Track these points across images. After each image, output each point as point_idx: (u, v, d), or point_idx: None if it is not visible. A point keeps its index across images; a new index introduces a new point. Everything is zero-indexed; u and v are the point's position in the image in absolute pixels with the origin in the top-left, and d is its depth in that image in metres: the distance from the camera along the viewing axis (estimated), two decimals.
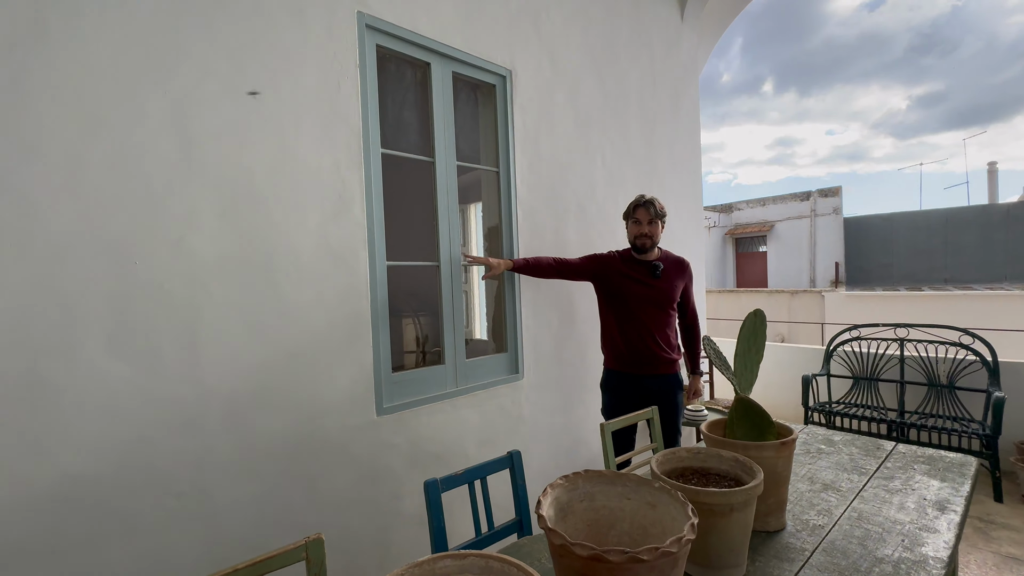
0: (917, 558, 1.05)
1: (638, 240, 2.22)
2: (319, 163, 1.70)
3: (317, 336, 1.69)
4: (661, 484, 0.89)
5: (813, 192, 12.10)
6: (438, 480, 1.28)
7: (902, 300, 8.23)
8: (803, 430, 1.93)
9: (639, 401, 2.19)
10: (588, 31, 2.86)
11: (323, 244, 1.72)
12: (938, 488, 1.38)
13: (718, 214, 13.98)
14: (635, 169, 3.21)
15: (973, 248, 10.86)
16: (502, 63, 2.35)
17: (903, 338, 3.55)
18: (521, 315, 2.44)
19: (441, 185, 2.10)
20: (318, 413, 1.69)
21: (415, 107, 2.17)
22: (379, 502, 1.85)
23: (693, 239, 3.85)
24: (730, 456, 1.12)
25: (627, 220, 2.28)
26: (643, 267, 2.23)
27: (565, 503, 0.91)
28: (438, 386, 2.09)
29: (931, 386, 3.40)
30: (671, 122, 3.59)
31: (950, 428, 2.98)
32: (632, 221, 2.25)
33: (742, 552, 1.01)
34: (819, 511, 1.28)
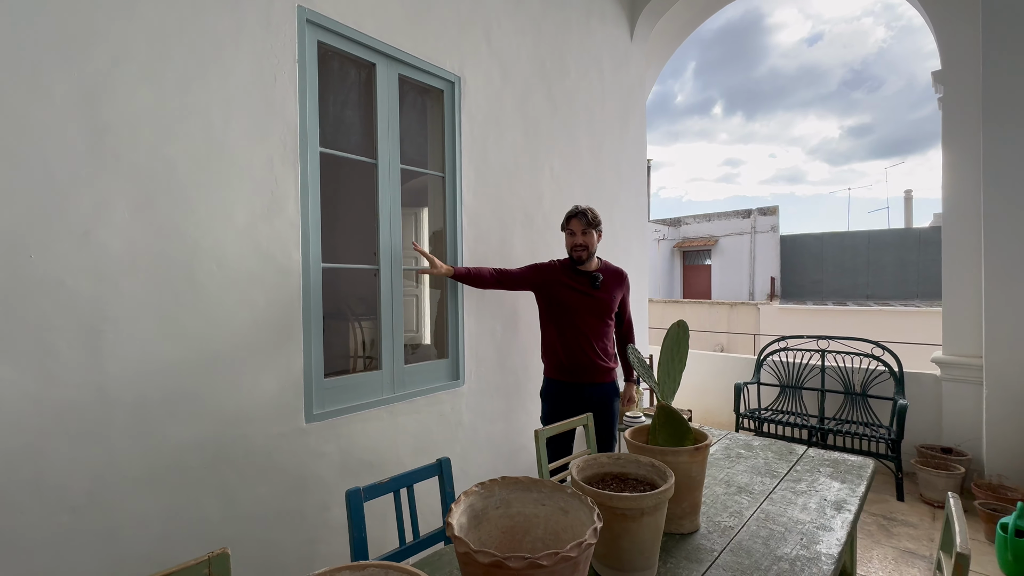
0: (812, 555, 1.13)
1: (574, 251, 2.25)
2: (250, 158, 1.64)
3: (241, 339, 1.62)
4: (573, 490, 0.91)
5: (754, 210, 12.86)
6: (361, 489, 1.24)
7: (829, 314, 8.87)
8: (727, 436, 2.03)
9: (578, 409, 2.22)
10: (539, 44, 2.91)
11: (252, 243, 1.65)
12: (838, 489, 1.49)
13: (667, 227, 14.56)
14: (583, 181, 3.29)
15: (891, 268, 11.89)
16: (451, 69, 2.35)
17: (824, 349, 3.82)
18: (463, 321, 2.43)
19: (384, 187, 2.07)
20: (239, 420, 1.61)
21: (358, 107, 2.13)
22: (305, 513, 1.78)
23: (638, 251, 3.98)
24: (647, 461, 1.16)
25: (563, 231, 2.29)
26: (584, 277, 2.27)
27: (480, 510, 0.92)
28: (374, 392, 2.04)
29: (847, 394, 3.67)
30: (619, 138, 3.71)
31: (863, 433, 3.23)
32: (567, 232, 2.27)
33: (653, 554, 1.05)
34: (731, 513, 1.35)
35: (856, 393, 3.63)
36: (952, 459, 3.02)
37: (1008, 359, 2.82)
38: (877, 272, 11.84)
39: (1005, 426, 2.84)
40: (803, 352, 3.93)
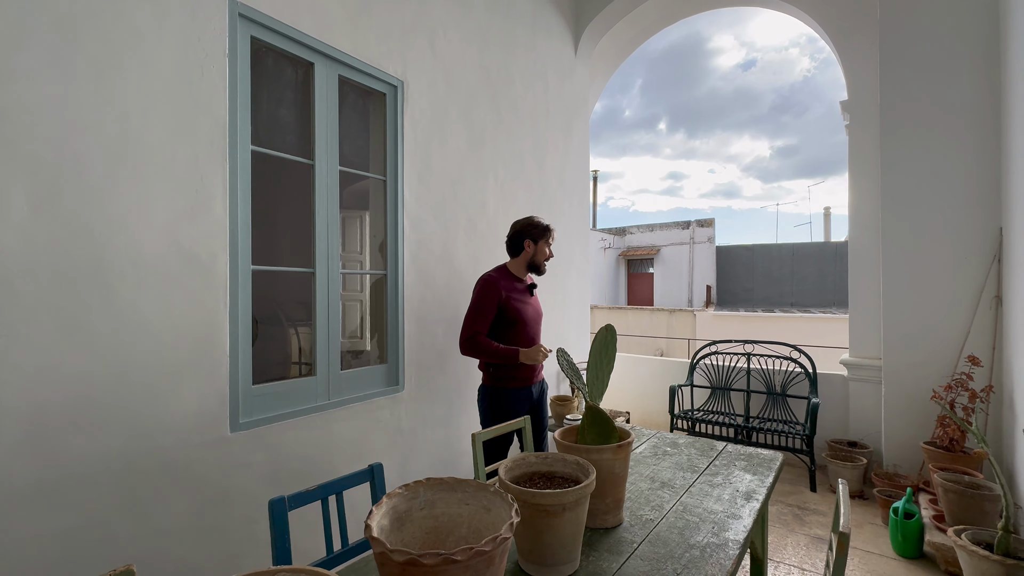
0: (721, 542, 1.22)
1: (546, 263, 2.26)
2: (172, 154, 1.56)
3: (158, 345, 1.52)
4: (496, 489, 0.94)
5: (692, 222, 13.59)
6: (285, 498, 1.21)
7: (758, 320, 9.51)
8: (656, 435, 2.13)
9: (528, 409, 2.21)
10: (485, 53, 2.96)
11: (173, 244, 1.56)
12: (749, 480, 1.61)
13: (613, 237, 15.07)
14: (527, 189, 3.37)
15: (812, 278, 12.93)
16: (394, 72, 2.34)
17: (749, 353, 4.10)
18: (404, 326, 2.41)
19: (321, 189, 2.02)
20: (154, 431, 1.52)
21: (296, 107, 2.08)
22: (228, 527, 1.69)
23: (580, 258, 4.11)
24: (573, 460, 1.21)
25: (538, 242, 2.22)
26: (523, 287, 2.26)
27: (404, 512, 0.92)
28: (307, 399, 1.98)
29: (769, 394, 3.95)
30: (563, 148, 3.83)
31: (782, 430, 3.49)
32: (546, 244, 2.24)
33: (575, 548, 1.09)
34: (653, 507, 1.42)
35: (777, 393, 3.91)
36: (857, 452, 3.33)
37: (902, 361, 3.16)
38: (800, 282, 12.84)
39: (900, 421, 3.17)
40: (732, 356, 4.19)
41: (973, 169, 2.95)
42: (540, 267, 2.26)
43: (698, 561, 1.14)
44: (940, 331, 3.03)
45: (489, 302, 2.12)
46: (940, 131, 3.05)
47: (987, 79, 2.91)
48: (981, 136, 2.92)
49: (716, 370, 4.24)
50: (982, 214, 2.93)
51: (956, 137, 3.00)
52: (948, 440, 2.80)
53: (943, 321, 3.02)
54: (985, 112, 2.91)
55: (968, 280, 2.96)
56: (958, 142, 2.99)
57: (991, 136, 2.90)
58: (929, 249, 3.07)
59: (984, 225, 2.92)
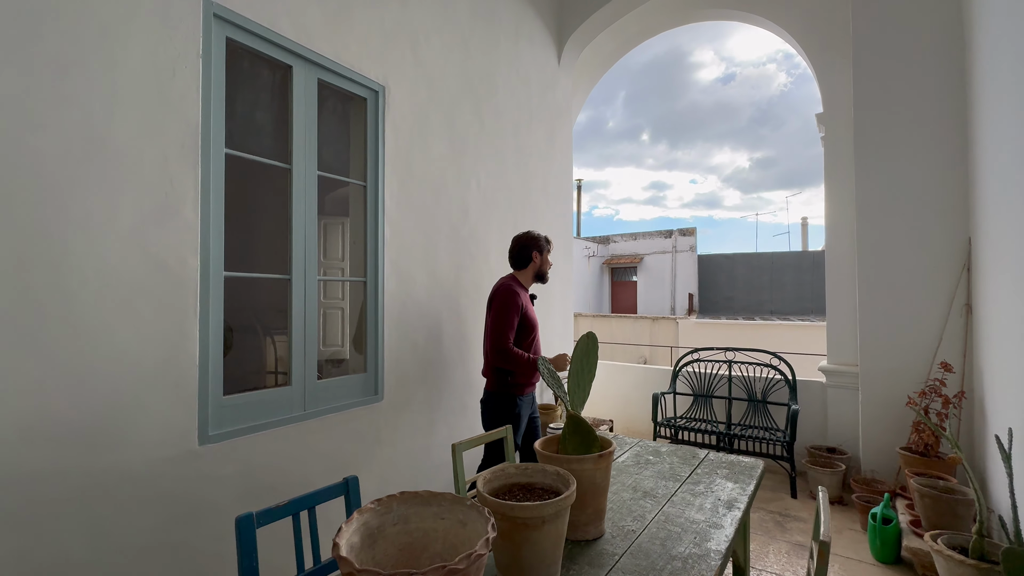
0: (703, 552, 1.20)
1: (548, 272, 2.51)
2: (140, 156, 1.50)
3: (122, 354, 1.46)
4: (472, 502, 0.91)
5: (675, 231, 13.78)
6: (254, 514, 1.15)
7: (739, 328, 9.64)
8: (638, 443, 2.12)
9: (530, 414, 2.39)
10: (468, 61, 2.96)
11: (139, 248, 1.50)
12: (731, 489, 1.60)
13: (597, 245, 15.18)
14: (510, 197, 3.36)
15: (791, 286, 13.20)
16: (375, 78, 2.32)
17: (731, 360, 4.14)
18: (384, 334, 2.36)
19: (298, 194, 1.98)
20: (117, 444, 1.44)
21: (272, 110, 2.04)
22: (197, 545, 1.62)
23: (563, 266, 4.11)
24: (553, 471, 1.19)
25: (543, 252, 2.44)
26: (528, 296, 2.44)
27: (376, 528, 0.88)
28: (282, 410, 1.92)
29: (750, 401, 3.99)
30: (546, 157, 3.84)
31: (763, 437, 3.52)
32: (548, 255, 2.48)
33: (555, 562, 1.06)
34: (635, 517, 1.40)
35: (758, 400, 3.95)
36: (836, 458, 3.36)
37: (878, 367, 3.21)
38: (779, 290, 13.09)
39: (876, 427, 3.21)
40: (713, 363, 4.22)
41: (943, 180, 3.04)
42: (545, 276, 2.49)
43: (680, 573, 1.12)
44: (914, 338, 3.10)
45: (515, 311, 2.23)
46: (911, 143, 3.14)
47: (955, 94, 3.01)
48: (950, 149, 3.02)
49: (698, 378, 4.27)
50: (952, 224, 3.01)
51: (926, 149, 3.09)
52: (923, 445, 2.85)
53: (916, 328, 3.09)
54: (954, 125, 3.01)
55: (939, 288, 3.04)
56: (928, 154, 3.09)
57: (959, 149, 2.99)
58: (902, 258, 3.15)
59: (954, 235, 3.01)
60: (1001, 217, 2.36)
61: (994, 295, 2.50)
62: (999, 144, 2.34)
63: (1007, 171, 2.22)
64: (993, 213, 2.48)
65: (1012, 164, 2.15)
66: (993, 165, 2.45)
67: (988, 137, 2.53)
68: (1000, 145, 2.32)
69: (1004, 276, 2.34)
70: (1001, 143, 2.31)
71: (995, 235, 2.48)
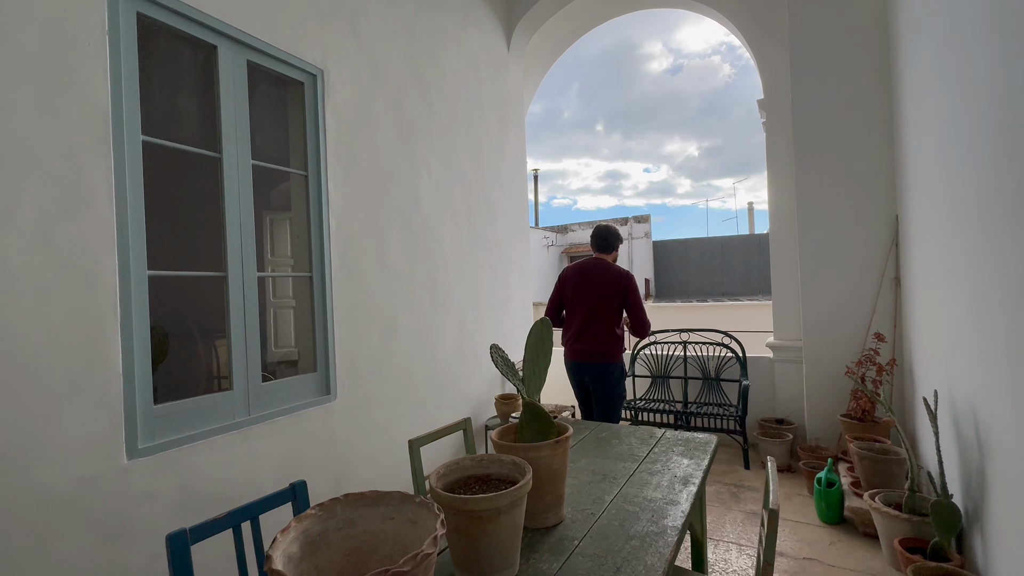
0: (659, 530, 1.22)
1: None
2: (37, 143, 1.34)
3: (29, 364, 1.31)
4: (422, 499, 0.87)
5: (630, 218, 14.07)
6: (187, 530, 1.06)
7: (693, 310, 9.99)
8: (597, 426, 2.14)
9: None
10: (414, 46, 2.86)
11: (46, 246, 1.35)
12: (687, 465, 1.64)
13: (555, 234, 15.30)
14: (463, 185, 3.29)
15: (740, 268, 13.79)
16: (312, 60, 2.19)
17: (686, 341, 4.27)
18: (334, 330, 2.26)
19: (231, 185, 1.84)
20: (29, 464, 1.30)
21: (197, 94, 1.88)
22: (130, 567, 1.49)
23: (521, 254, 4.09)
24: (509, 460, 1.16)
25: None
26: None
27: (318, 535, 0.83)
28: (223, 416, 1.80)
29: (705, 379, 4.13)
30: (499, 144, 3.79)
31: (718, 413, 3.65)
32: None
33: (513, 553, 1.04)
34: (594, 499, 1.40)
35: (712, 378, 4.10)
36: (784, 428, 3.54)
37: (820, 340, 3.39)
38: (729, 272, 13.66)
39: (819, 397, 3.40)
40: (670, 345, 4.34)
41: (874, 162, 3.22)
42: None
43: (638, 551, 1.12)
44: (850, 311, 3.29)
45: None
46: (845, 128, 3.30)
47: (885, 81, 3.18)
48: (880, 132, 3.20)
49: (656, 359, 4.38)
50: (882, 203, 3.20)
51: (859, 133, 3.26)
52: (861, 411, 3.04)
53: (853, 302, 3.28)
54: (884, 111, 3.19)
55: (872, 264, 3.23)
56: (861, 138, 3.25)
57: (889, 132, 3.17)
58: (839, 237, 3.32)
59: (884, 213, 3.20)
60: (923, 195, 2.52)
61: (918, 268, 2.67)
62: (922, 127, 2.49)
63: (928, 152, 2.37)
64: (917, 192, 2.65)
65: (933, 146, 2.29)
66: (917, 147, 2.61)
67: (912, 121, 2.69)
68: (922, 128, 2.47)
69: (925, 250, 2.51)
70: (923, 126, 2.45)
71: (917, 212, 2.65)
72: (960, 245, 1.97)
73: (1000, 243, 1.54)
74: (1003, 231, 1.51)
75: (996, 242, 1.57)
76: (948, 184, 2.06)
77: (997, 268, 1.57)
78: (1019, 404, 1.47)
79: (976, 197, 1.73)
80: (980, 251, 1.72)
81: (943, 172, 2.13)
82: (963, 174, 1.86)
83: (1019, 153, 1.37)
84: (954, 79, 1.91)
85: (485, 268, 3.54)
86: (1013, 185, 1.42)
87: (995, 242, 1.58)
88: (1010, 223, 1.46)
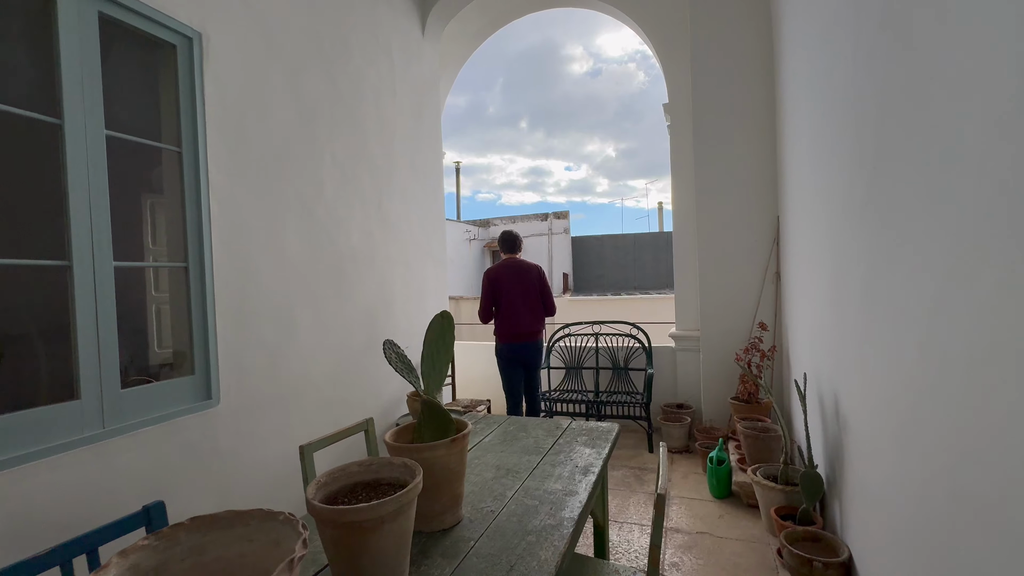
0: (556, 522, 1.22)
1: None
2: None
3: None
4: (286, 516, 0.77)
5: (550, 214, 14.41)
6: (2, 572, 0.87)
7: (607, 303, 10.47)
8: (507, 420, 2.13)
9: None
10: (315, 19, 2.63)
11: None
12: (588, 454, 1.68)
13: (477, 228, 15.25)
14: (373, 173, 3.12)
15: (651, 263, 14.70)
16: (187, 21, 1.92)
17: (597, 332, 4.43)
18: (215, 327, 2.02)
19: (76, 157, 1.56)
20: None
21: (31, 47, 1.57)
22: None
23: (437, 247, 3.98)
24: (400, 463, 1.09)
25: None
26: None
27: (153, 568, 0.70)
28: (69, 430, 1.53)
29: (615, 369, 4.32)
30: (413, 132, 3.64)
31: (625, 401, 3.84)
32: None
33: (400, 562, 0.97)
34: (495, 496, 1.38)
35: (621, 368, 4.29)
36: (683, 412, 3.80)
37: (714, 329, 3.68)
38: (641, 268, 14.51)
39: (714, 382, 3.70)
40: (583, 336, 4.49)
41: (761, 166, 3.53)
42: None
43: (534, 547, 1.11)
44: (740, 303, 3.60)
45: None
46: (736, 134, 3.59)
47: (769, 88, 3.50)
48: (765, 137, 3.51)
49: (570, 351, 4.50)
50: (766, 204, 3.53)
51: (749, 139, 3.56)
52: (747, 394, 3.34)
53: (742, 295, 3.59)
54: (767, 117, 3.51)
55: (758, 260, 3.55)
56: (748, 142, 3.55)
57: (771, 137, 3.50)
58: (731, 234, 3.61)
59: (767, 214, 3.53)
60: (797, 197, 2.80)
61: (792, 264, 2.98)
62: (796, 133, 2.76)
63: (801, 157, 2.63)
64: (793, 194, 2.94)
65: (804, 151, 2.55)
66: (792, 151, 2.89)
67: (789, 127, 2.97)
68: (796, 134, 2.74)
69: (798, 247, 2.80)
70: (797, 132, 2.72)
71: (792, 213, 2.95)
72: (823, 242, 2.21)
73: (854, 239, 1.73)
74: (857, 227, 1.70)
75: (850, 238, 1.77)
76: (816, 186, 2.30)
77: (851, 262, 1.77)
78: (865, 382, 1.67)
79: (837, 198, 1.95)
80: (838, 247, 1.94)
81: (812, 176, 2.38)
82: (827, 177, 2.08)
83: (868, 158, 1.55)
84: (822, 89, 2.13)
85: (398, 260, 3.40)
86: (864, 187, 1.60)
87: (850, 238, 1.78)
88: (861, 220, 1.65)
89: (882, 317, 1.47)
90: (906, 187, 1.29)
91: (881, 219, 1.46)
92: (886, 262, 1.43)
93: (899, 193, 1.33)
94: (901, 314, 1.33)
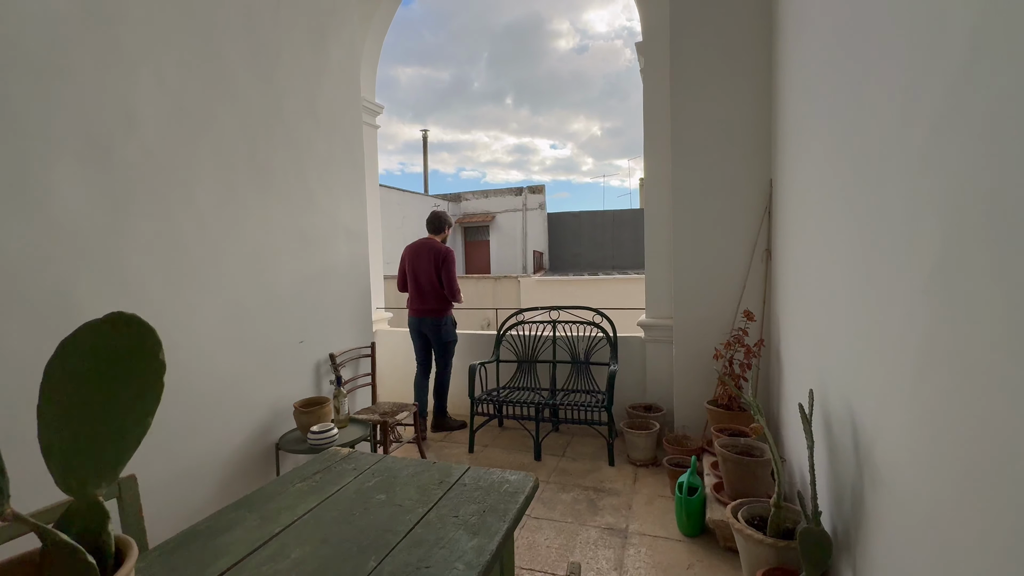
0: None
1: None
2: None
3: None
4: None
5: (524, 188, 13.60)
6: None
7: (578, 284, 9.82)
8: (380, 461, 1.43)
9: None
10: None
11: None
12: (469, 549, 0.99)
13: (448, 203, 14.37)
14: (236, 109, 2.31)
15: (630, 242, 14.08)
16: None
17: (555, 320, 3.75)
18: None
19: None
20: None
21: None
22: None
23: (351, 215, 3.20)
24: None
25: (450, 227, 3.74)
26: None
27: None
28: None
29: (574, 363, 3.66)
30: (311, 66, 2.82)
31: (584, 403, 3.19)
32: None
33: None
34: None
35: (581, 361, 3.64)
36: (652, 416, 3.17)
37: (690, 318, 3.03)
38: (619, 246, 13.90)
39: (688, 380, 3.07)
40: (539, 324, 3.80)
41: (751, 119, 2.83)
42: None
43: None
44: (721, 285, 2.94)
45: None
46: (723, 77, 2.87)
47: (764, 27, 2.77)
48: (759, 83, 2.80)
49: (523, 341, 3.82)
50: (757, 166, 2.84)
51: (737, 85, 2.85)
52: (727, 398, 2.72)
53: (723, 275, 2.94)
54: (763, 59, 2.79)
55: (744, 233, 2.89)
56: (738, 90, 2.84)
57: (767, 84, 2.79)
58: (712, 201, 2.93)
59: (758, 177, 2.85)
60: (797, 155, 2.12)
61: (790, 238, 2.32)
62: (800, 82, 2.05)
63: (814, 93, 1.93)
64: (793, 151, 2.26)
65: (811, 103, 1.85)
66: (798, 90, 2.19)
67: (791, 73, 2.27)
68: (801, 83, 2.04)
69: (796, 217, 2.14)
70: (801, 80, 2.02)
71: (790, 174, 2.28)
72: (840, 207, 1.53)
73: (908, 199, 1.05)
74: (918, 176, 1.02)
75: (901, 198, 1.09)
76: (834, 132, 1.61)
77: (900, 236, 1.09)
78: (923, 424, 1.01)
79: (872, 145, 1.26)
80: (872, 214, 1.26)
81: (830, 119, 1.68)
82: (856, 114, 1.39)
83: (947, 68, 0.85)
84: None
85: (290, 231, 2.63)
86: (935, 116, 0.91)
87: (899, 198, 1.10)
88: (924, 168, 0.97)
89: (968, 318, 0.80)
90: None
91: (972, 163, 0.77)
92: (983, 228, 0.75)
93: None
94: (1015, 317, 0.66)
